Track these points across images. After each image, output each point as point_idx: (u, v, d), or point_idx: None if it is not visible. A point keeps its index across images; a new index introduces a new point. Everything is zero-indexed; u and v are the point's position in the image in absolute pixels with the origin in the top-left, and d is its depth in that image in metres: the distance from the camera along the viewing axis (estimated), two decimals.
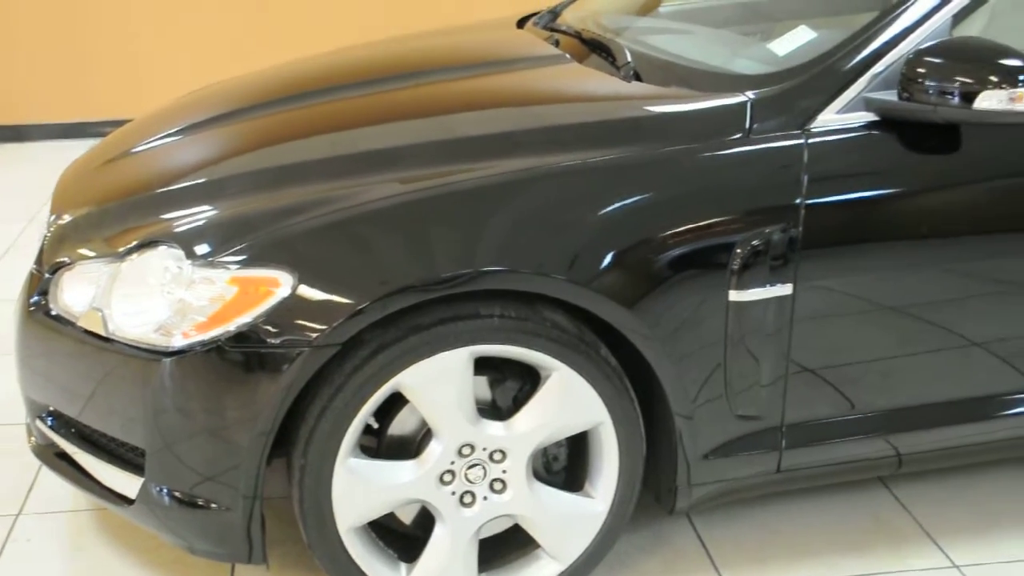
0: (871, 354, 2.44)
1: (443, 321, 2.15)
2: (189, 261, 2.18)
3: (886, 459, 2.55)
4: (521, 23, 3.23)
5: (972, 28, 3.13)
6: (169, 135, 2.81)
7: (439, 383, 2.18)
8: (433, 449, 2.24)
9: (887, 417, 2.50)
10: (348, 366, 2.14)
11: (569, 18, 3.10)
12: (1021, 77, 2.20)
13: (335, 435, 2.16)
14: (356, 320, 2.10)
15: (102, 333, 2.22)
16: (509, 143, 2.35)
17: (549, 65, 2.79)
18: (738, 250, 2.23)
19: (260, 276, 2.13)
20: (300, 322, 2.10)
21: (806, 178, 2.25)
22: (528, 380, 2.29)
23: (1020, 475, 2.88)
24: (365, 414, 2.18)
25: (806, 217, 2.25)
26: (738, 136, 2.29)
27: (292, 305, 2.11)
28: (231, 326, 2.12)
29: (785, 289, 2.27)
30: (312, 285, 2.12)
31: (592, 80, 2.64)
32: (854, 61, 2.33)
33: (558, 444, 2.38)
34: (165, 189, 2.49)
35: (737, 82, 2.42)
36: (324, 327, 2.09)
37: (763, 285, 2.25)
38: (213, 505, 2.22)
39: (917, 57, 2.26)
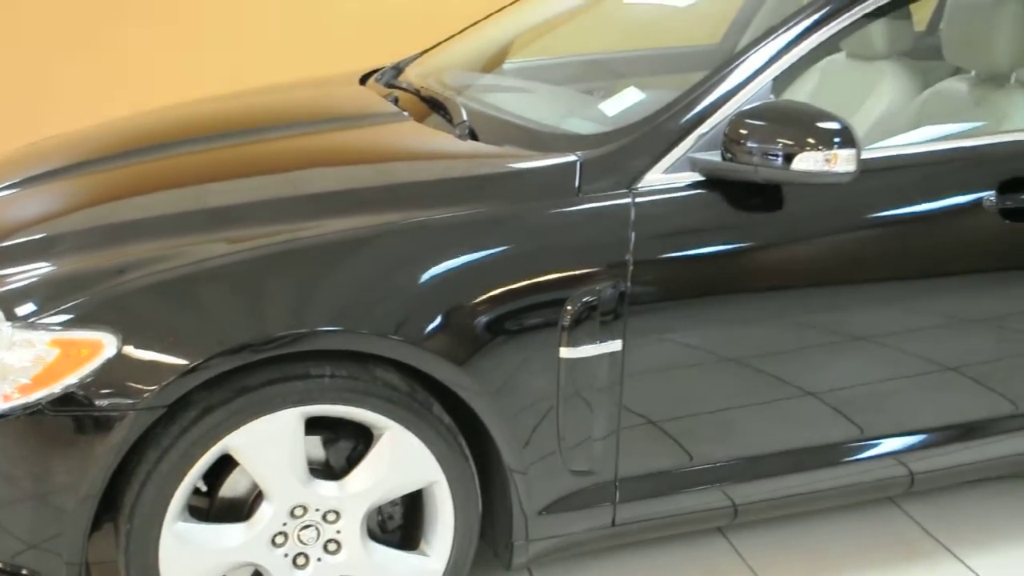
0: (705, 407, 2.49)
1: (272, 382, 2.13)
2: (9, 323, 2.12)
3: (722, 510, 2.60)
4: (364, 79, 3.24)
5: (802, 91, 3.26)
6: (5, 188, 2.74)
7: (269, 445, 2.16)
8: (264, 511, 2.21)
9: (722, 468, 2.55)
10: (175, 428, 2.11)
11: (411, 75, 3.13)
12: (836, 140, 2.28)
13: (161, 499, 2.12)
14: (183, 381, 2.07)
15: None
16: (341, 202, 2.34)
17: (385, 123, 2.81)
18: (568, 307, 2.26)
19: (83, 338, 2.09)
20: (126, 384, 2.07)
21: (634, 236, 2.30)
22: (362, 439, 2.28)
23: (851, 521, 2.96)
24: (193, 477, 2.15)
25: (634, 274, 2.29)
26: (567, 196, 2.33)
27: (117, 366, 2.07)
28: (55, 388, 2.07)
29: (615, 345, 2.31)
30: (139, 346, 2.08)
31: (427, 139, 2.67)
32: (680, 122, 2.40)
33: (393, 503, 2.37)
34: None
35: (568, 142, 2.46)
36: (150, 389, 2.06)
37: (593, 342, 2.29)
38: (37, 574, 2.16)
39: (739, 119, 2.34)
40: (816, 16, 2.53)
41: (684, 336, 2.39)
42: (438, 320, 2.19)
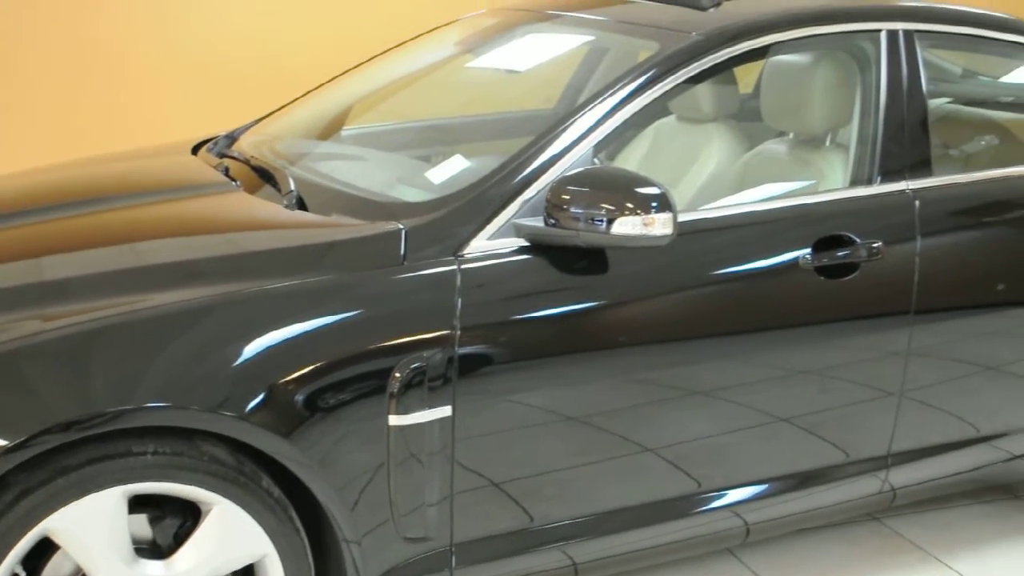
0: (540, 467, 2.51)
1: (93, 461, 2.08)
2: None
3: (562, 570, 2.62)
4: (196, 148, 3.21)
5: (636, 154, 3.36)
6: None
7: (90, 526, 2.10)
8: None
9: (562, 528, 2.58)
10: None
11: (245, 144, 3.11)
12: (653, 204, 2.35)
13: None
14: (1, 462, 2.01)
15: None
16: (162, 275, 2.32)
17: (213, 194, 2.78)
18: (396, 375, 2.27)
19: None
20: None
21: (460, 302, 2.33)
22: (190, 515, 2.24)
23: (690, 573, 3.01)
24: (11, 563, 2.07)
25: (462, 340, 2.32)
26: (393, 264, 2.35)
27: None
28: None
29: (445, 411, 2.32)
30: None
31: (253, 209, 2.65)
32: (503, 189, 2.44)
33: None
34: None
35: (394, 210, 2.48)
36: None
37: (423, 408, 2.30)
38: None
39: (560, 185, 2.39)
40: (638, 82, 2.62)
41: (516, 398, 2.42)
42: (264, 393, 2.17)
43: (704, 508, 2.74)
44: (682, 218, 2.46)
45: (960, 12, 3.07)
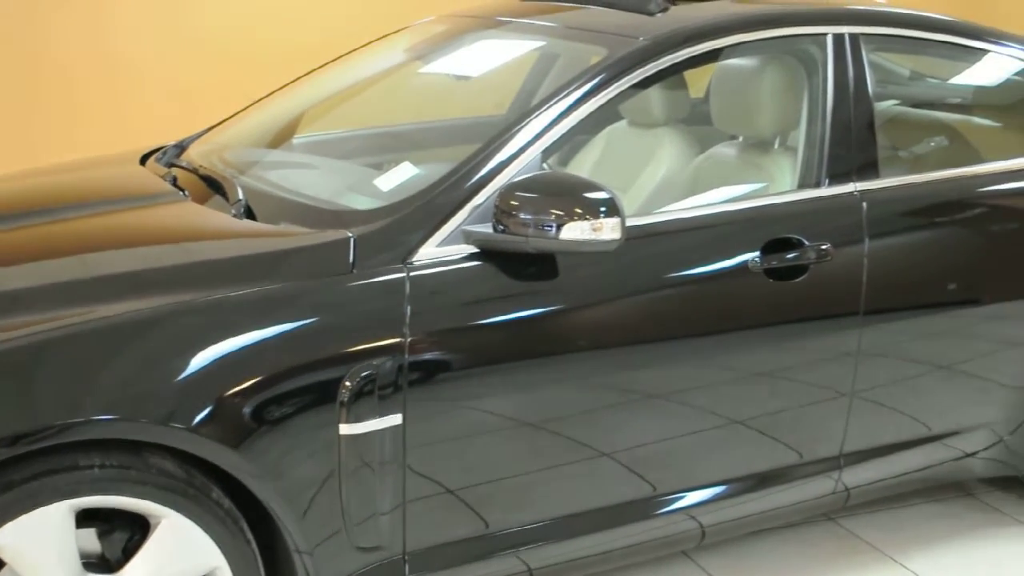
0: (493, 474, 2.51)
1: (38, 475, 2.06)
2: None
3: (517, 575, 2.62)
4: (144, 158, 3.18)
5: (589, 159, 3.36)
6: None
7: (36, 542, 2.08)
8: None
9: (516, 534, 2.58)
10: None
11: (193, 153, 3.08)
12: (602, 209, 2.35)
13: None
14: None
15: None
16: (106, 287, 2.28)
17: (160, 204, 2.75)
18: (347, 383, 2.26)
19: None
20: None
21: (409, 310, 2.32)
22: (138, 528, 2.22)
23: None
24: None
25: (412, 348, 2.31)
26: (342, 272, 2.34)
27: None
28: None
29: (395, 419, 2.31)
30: None
31: (202, 219, 2.63)
32: (452, 195, 2.44)
33: None
34: None
35: (342, 218, 2.47)
36: None
37: (373, 417, 2.29)
38: None
39: (509, 190, 2.39)
40: (584, 88, 2.62)
41: (467, 405, 2.42)
42: (213, 404, 2.16)
43: (659, 511, 2.75)
44: (632, 222, 2.48)
45: (905, 15, 3.11)
